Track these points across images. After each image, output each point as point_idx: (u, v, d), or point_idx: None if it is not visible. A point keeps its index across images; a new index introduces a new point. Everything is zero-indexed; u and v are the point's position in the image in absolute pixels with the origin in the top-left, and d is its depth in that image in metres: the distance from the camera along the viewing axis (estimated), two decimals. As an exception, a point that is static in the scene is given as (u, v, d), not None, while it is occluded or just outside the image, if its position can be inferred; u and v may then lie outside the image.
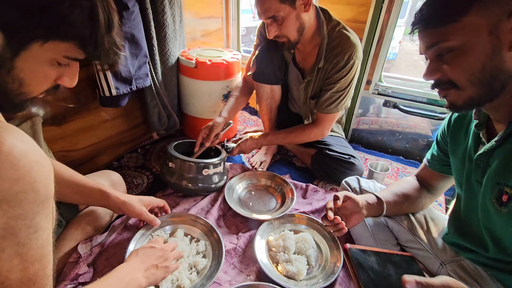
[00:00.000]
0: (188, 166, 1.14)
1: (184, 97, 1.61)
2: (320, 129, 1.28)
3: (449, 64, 0.55)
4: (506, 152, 0.57)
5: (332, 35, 1.16)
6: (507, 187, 0.56)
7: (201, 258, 0.91)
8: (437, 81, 0.59)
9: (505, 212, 0.56)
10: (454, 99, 0.58)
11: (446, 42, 0.54)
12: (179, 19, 1.46)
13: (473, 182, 0.66)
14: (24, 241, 0.42)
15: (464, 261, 0.76)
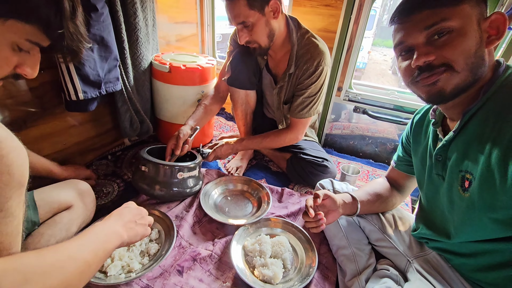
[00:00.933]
0: (162, 169, 1.10)
1: (158, 102, 1.58)
2: (295, 133, 1.31)
3: (447, 45, 0.56)
4: (462, 142, 0.62)
5: (302, 42, 1.21)
6: (467, 173, 0.61)
7: (154, 244, 0.95)
8: (428, 65, 0.58)
9: (467, 196, 0.61)
10: (444, 84, 0.58)
11: (449, 21, 0.55)
12: (152, 23, 1.44)
13: (434, 176, 0.72)
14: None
15: (428, 256, 0.81)
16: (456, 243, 0.69)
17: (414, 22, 0.58)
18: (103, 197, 1.19)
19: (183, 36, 1.96)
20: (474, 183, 0.59)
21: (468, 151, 0.61)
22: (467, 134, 0.62)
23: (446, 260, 0.77)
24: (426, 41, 0.58)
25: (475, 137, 0.59)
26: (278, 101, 1.34)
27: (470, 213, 0.62)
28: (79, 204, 0.94)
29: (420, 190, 0.82)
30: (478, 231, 0.63)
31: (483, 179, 0.56)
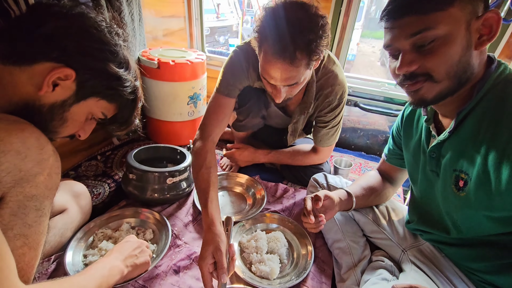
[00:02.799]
0: (151, 176, 1.08)
1: (147, 100, 1.54)
2: (322, 157, 1.32)
3: (430, 54, 0.55)
4: (457, 142, 0.62)
5: (319, 72, 1.08)
6: (462, 173, 0.61)
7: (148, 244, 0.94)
8: (411, 74, 0.58)
9: (463, 195, 0.61)
10: (426, 92, 0.58)
11: (433, 30, 0.53)
12: (138, 17, 1.39)
13: (428, 172, 0.72)
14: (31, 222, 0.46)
15: (422, 246, 0.83)
16: (456, 238, 0.70)
17: (400, 28, 0.56)
18: (94, 198, 1.16)
19: (171, 30, 1.91)
20: (470, 183, 0.59)
21: (463, 150, 0.60)
22: (461, 134, 0.61)
23: (439, 249, 0.78)
24: (411, 48, 0.57)
25: (470, 137, 0.59)
26: (294, 130, 1.27)
27: (467, 212, 0.62)
28: (74, 207, 0.91)
29: (413, 184, 0.82)
30: (476, 228, 0.63)
31: (479, 180, 0.57)
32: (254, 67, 1.05)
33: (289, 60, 0.80)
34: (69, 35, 0.54)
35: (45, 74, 0.52)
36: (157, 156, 1.28)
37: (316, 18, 0.80)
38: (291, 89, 0.92)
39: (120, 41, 0.61)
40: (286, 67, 0.82)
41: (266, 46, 0.83)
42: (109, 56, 0.58)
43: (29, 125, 0.48)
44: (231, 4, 7.74)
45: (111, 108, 0.64)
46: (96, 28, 0.56)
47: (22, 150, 0.45)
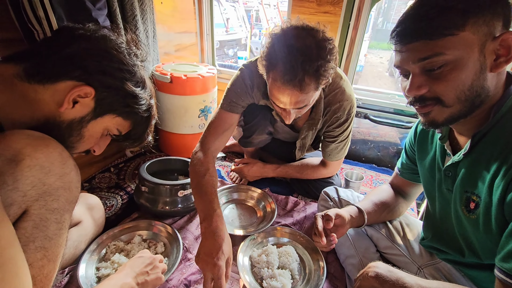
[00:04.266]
0: (162, 189, 1.10)
1: (160, 113, 1.57)
2: (331, 171, 1.32)
3: (440, 79, 0.53)
4: (471, 163, 0.61)
5: (326, 88, 1.08)
6: (473, 195, 0.59)
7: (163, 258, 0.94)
8: (420, 97, 0.56)
9: (473, 218, 0.60)
10: (436, 116, 0.57)
11: (442, 56, 0.51)
12: (152, 34, 1.44)
13: (444, 190, 0.70)
14: (51, 235, 0.47)
15: (439, 264, 0.80)
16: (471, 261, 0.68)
17: (408, 52, 0.55)
18: (107, 210, 1.18)
19: (183, 45, 1.97)
20: (481, 206, 0.58)
21: (476, 172, 0.59)
22: (476, 155, 0.60)
23: (459, 269, 0.76)
24: (420, 71, 0.55)
25: (483, 159, 0.58)
26: (302, 146, 1.26)
27: (477, 235, 0.60)
28: (88, 219, 0.93)
29: (429, 200, 0.80)
30: (488, 252, 0.61)
31: (487, 206, 0.56)
32: (258, 87, 1.06)
33: (298, 87, 0.81)
34: (91, 55, 0.56)
35: (66, 91, 0.54)
36: (169, 169, 1.29)
37: (323, 43, 0.80)
38: (301, 110, 0.93)
39: (138, 61, 0.63)
40: (295, 93, 0.83)
41: (275, 73, 0.83)
42: (127, 75, 0.60)
43: (53, 141, 0.50)
44: (240, 18, 7.94)
45: (126, 125, 0.66)
46: (117, 49, 0.59)
47: (46, 165, 0.46)
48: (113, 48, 0.58)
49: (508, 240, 0.50)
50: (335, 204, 1.08)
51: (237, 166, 1.42)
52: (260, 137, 1.30)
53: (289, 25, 0.83)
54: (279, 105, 0.90)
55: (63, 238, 0.51)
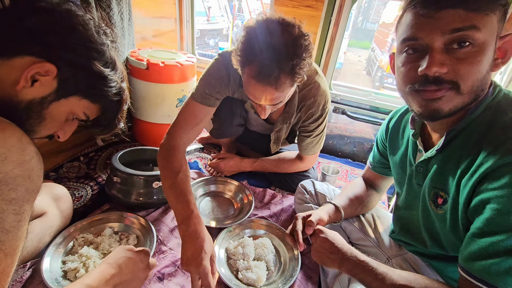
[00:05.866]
0: (136, 180, 1.05)
1: (135, 101, 1.50)
2: (307, 164, 1.33)
3: (465, 60, 0.49)
4: (443, 159, 0.61)
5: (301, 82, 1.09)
6: (442, 191, 0.61)
7: None
8: (437, 78, 0.51)
9: (441, 213, 0.62)
10: (445, 103, 0.52)
11: (477, 31, 0.47)
12: (127, 16, 1.37)
13: (414, 184, 0.72)
14: (8, 227, 0.44)
15: (406, 255, 0.84)
16: (434, 252, 0.71)
17: (441, 19, 0.48)
18: (75, 201, 1.12)
19: (161, 31, 1.89)
20: (449, 202, 0.59)
21: (446, 169, 0.60)
22: (447, 152, 0.60)
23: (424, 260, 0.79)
24: (443, 47, 0.50)
25: (454, 157, 0.58)
26: (277, 139, 1.26)
27: (444, 229, 0.62)
28: (53, 211, 0.87)
29: (399, 191, 0.83)
30: (451, 246, 0.64)
31: (454, 204, 0.57)
32: (235, 78, 1.03)
33: (274, 84, 0.80)
34: (53, 30, 0.51)
35: (24, 68, 0.49)
36: (143, 159, 1.25)
37: (299, 40, 0.78)
38: (276, 106, 0.92)
39: (108, 41, 0.59)
40: (271, 91, 0.82)
41: (250, 69, 0.81)
42: (94, 54, 0.56)
43: (11, 125, 0.45)
44: (222, 8, 7.76)
45: (94, 109, 0.61)
46: (83, 26, 0.54)
47: (2, 151, 0.42)
48: (79, 24, 0.53)
49: (471, 241, 0.51)
50: (312, 197, 1.10)
51: (213, 161, 1.40)
52: (230, 129, 1.29)
53: (264, 18, 0.80)
54: (254, 101, 0.89)
55: (22, 231, 0.47)
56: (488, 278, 0.47)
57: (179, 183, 0.87)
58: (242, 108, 1.23)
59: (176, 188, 0.86)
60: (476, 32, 0.48)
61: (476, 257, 0.49)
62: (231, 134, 1.37)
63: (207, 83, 1.02)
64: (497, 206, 0.47)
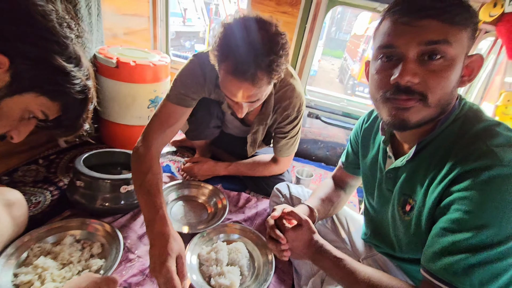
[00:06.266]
0: (102, 184, 0.99)
1: (103, 101, 1.42)
2: (282, 167, 1.33)
3: (435, 73, 0.50)
4: (412, 168, 0.62)
5: (277, 84, 1.09)
6: (410, 198, 0.62)
7: (96, 260, 0.85)
8: (408, 88, 0.51)
9: (407, 219, 0.64)
10: (413, 114, 0.54)
11: (448, 46, 0.49)
12: (96, 11, 1.30)
13: (384, 190, 0.72)
14: None
15: (376, 256, 0.87)
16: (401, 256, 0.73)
17: (419, 30, 0.49)
18: (32, 207, 1.02)
19: (133, 29, 1.81)
20: (415, 209, 0.60)
21: (415, 177, 0.61)
22: (417, 161, 0.61)
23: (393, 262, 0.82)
24: (416, 58, 0.51)
25: (423, 166, 0.60)
26: (253, 141, 1.25)
27: (408, 235, 0.64)
28: (5, 218, 0.78)
29: (368, 197, 0.84)
30: (417, 251, 0.65)
31: (420, 210, 0.59)
32: (211, 79, 1.01)
33: (250, 80, 0.80)
34: (7, 18, 0.46)
35: None
36: (111, 162, 1.18)
37: (276, 38, 0.79)
38: (253, 104, 0.92)
39: (72, 34, 0.55)
40: (247, 87, 0.82)
41: (227, 65, 0.80)
42: (55, 47, 0.51)
43: None
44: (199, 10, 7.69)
45: (54, 108, 0.56)
46: (43, 16, 0.49)
47: None
48: (38, 14, 0.49)
49: (434, 241, 0.52)
50: (287, 200, 1.10)
51: (186, 165, 1.36)
52: (206, 131, 1.27)
53: (242, 15, 0.81)
54: (231, 97, 0.88)
55: None
56: (447, 277, 0.48)
57: (146, 183, 0.84)
58: (219, 109, 1.21)
59: (143, 189, 0.83)
60: (448, 46, 0.49)
61: (437, 256, 0.50)
62: (207, 136, 1.34)
63: (182, 84, 1.00)
64: (459, 207, 0.49)
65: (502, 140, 0.49)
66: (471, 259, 0.46)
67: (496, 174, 0.46)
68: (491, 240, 0.45)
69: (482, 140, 0.50)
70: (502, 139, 0.50)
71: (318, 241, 0.70)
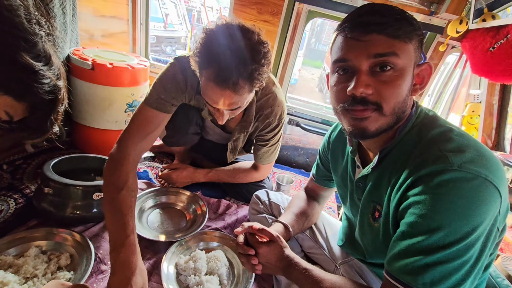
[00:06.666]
0: (73, 190, 0.93)
1: (76, 103, 1.36)
2: (262, 174, 1.33)
3: (387, 83, 0.53)
4: (377, 175, 0.64)
5: (259, 92, 1.09)
6: (378, 205, 0.64)
7: (63, 272, 0.79)
8: (363, 98, 0.54)
9: (377, 226, 0.65)
10: (371, 123, 0.56)
11: (396, 58, 0.52)
12: (71, 11, 1.25)
13: (355, 199, 0.74)
14: None
15: (352, 261, 0.88)
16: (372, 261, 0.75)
17: (367, 44, 0.53)
18: (-7, 217, 0.95)
19: (111, 32, 1.77)
20: (383, 215, 0.62)
21: (381, 184, 0.63)
22: (381, 168, 0.63)
23: (367, 266, 0.83)
24: (368, 70, 0.54)
25: (387, 173, 0.62)
26: (234, 148, 1.25)
27: (377, 242, 0.66)
28: None
29: (343, 204, 0.85)
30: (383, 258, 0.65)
31: (386, 215, 0.61)
32: (192, 84, 1.00)
33: (232, 88, 0.79)
34: None
35: None
36: (83, 168, 1.12)
37: (258, 46, 0.80)
38: (234, 111, 0.91)
39: (42, 32, 0.52)
40: (229, 94, 0.81)
41: (208, 72, 0.79)
42: (22, 44, 0.48)
43: None
44: (181, 16, 7.65)
45: (19, 108, 0.52)
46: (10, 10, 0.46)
47: None
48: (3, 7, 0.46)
49: (394, 244, 0.54)
50: (266, 207, 1.10)
51: (165, 172, 1.32)
52: (186, 138, 1.24)
53: (225, 22, 0.81)
54: (212, 105, 0.86)
55: None
56: (403, 277, 0.50)
57: (120, 200, 0.78)
58: (199, 115, 1.19)
59: (115, 205, 0.77)
60: (396, 58, 0.53)
61: (396, 258, 0.52)
62: (186, 142, 1.31)
63: (162, 88, 0.97)
64: (415, 211, 0.51)
65: (454, 145, 0.52)
66: (425, 260, 0.48)
67: (448, 178, 0.49)
68: (443, 241, 0.47)
69: (436, 146, 0.53)
70: (454, 144, 0.52)
71: (289, 255, 0.72)
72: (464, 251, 0.47)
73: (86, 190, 0.95)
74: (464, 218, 0.47)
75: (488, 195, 0.47)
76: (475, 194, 0.47)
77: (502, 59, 1.19)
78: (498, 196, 0.48)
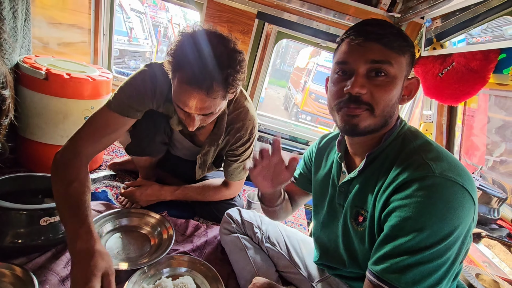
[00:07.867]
0: (14, 215, 0.81)
1: (24, 116, 1.21)
2: (233, 191, 1.29)
3: (380, 87, 0.60)
4: (363, 180, 0.68)
5: (231, 105, 1.08)
6: (362, 209, 0.67)
7: None
8: (357, 98, 0.60)
9: (361, 230, 0.67)
10: (361, 121, 0.62)
11: (389, 66, 0.59)
12: (23, 16, 1.14)
13: (336, 205, 0.77)
14: None
15: (329, 279, 0.87)
16: (352, 270, 0.75)
17: (366, 49, 0.60)
18: None
19: (69, 41, 1.65)
20: (367, 219, 0.65)
21: (366, 189, 0.67)
22: (367, 173, 0.67)
23: (345, 283, 0.82)
24: (365, 73, 0.61)
25: (372, 178, 0.66)
26: (204, 162, 1.20)
27: (362, 246, 0.68)
28: None
29: (316, 214, 0.86)
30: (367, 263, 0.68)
31: (371, 219, 0.64)
32: (161, 92, 0.97)
33: (205, 90, 0.78)
34: None
35: None
36: (30, 188, 0.98)
37: (234, 54, 0.81)
38: (206, 118, 0.89)
39: None
40: (202, 97, 0.80)
41: (182, 73, 0.79)
42: None
43: None
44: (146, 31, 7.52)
45: None
46: None
47: None
48: None
49: (379, 247, 0.57)
50: (238, 226, 1.06)
51: (127, 189, 1.22)
52: (152, 146, 1.16)
53: (201, 28, 0.81)
54: (184, 108, 0.84)
55: None
56: (386, 277, 0.53)
57: (71, 192, 0.74)
58: (167, 124, 1.12)
59: (67, 198, 0.73)
60: (389, 66, 0.60)
61: (380, 260, 0.55)
62: (152, 152, 1.21)
63: (128, 93, 0.93)
64: (400, 214, 0.55)
65: (434, 154, 0.58)
66: (408, 260, 0.51)
67: (430, 183, 0.53)
68: (425, 242, 0.51)
69: (419, 154, 0.59)
70: (434, 154, 0.58)
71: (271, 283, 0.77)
72: (443, 252, 0.51)
73: (31, 215, 0.82)
74: (444, 220, 0.51)
75: (464, 201, 0.52)
76: (454, 198, 0.52)
77: (450, 83, 1.33)
78: (472, 204, 0.53)
